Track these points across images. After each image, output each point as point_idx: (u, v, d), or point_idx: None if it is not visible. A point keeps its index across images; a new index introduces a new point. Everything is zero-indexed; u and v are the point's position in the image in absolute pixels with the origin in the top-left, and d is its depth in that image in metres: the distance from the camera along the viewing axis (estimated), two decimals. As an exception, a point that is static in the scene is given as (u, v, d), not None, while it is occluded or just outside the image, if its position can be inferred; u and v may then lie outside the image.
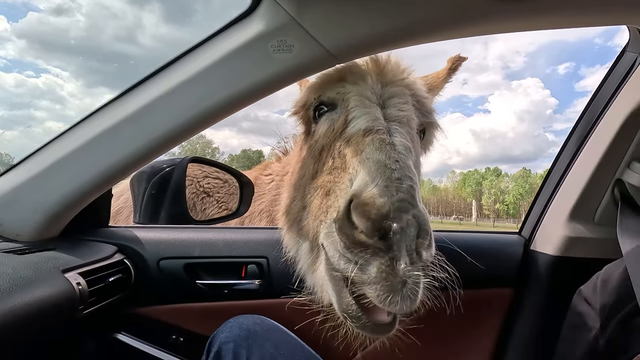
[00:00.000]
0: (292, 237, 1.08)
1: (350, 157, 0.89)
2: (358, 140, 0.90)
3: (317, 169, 1.01)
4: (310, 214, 0.96)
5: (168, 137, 0.97)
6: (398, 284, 0.70)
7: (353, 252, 0.74)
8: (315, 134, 1.07)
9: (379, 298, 0.71)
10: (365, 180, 0.76)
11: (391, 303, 0.70)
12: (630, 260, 0.90)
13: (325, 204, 0.90)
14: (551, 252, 1.21)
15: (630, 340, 0.82)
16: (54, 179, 0.98)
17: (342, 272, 0.76)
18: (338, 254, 0.77)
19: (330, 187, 0.91)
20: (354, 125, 0.95)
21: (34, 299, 0.74)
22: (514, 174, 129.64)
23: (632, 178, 1.09)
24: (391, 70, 1.08)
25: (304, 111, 1.16)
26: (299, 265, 1.05)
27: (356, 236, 0.73)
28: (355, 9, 0.86)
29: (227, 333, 0.95)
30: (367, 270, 0.71)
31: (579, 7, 0.91)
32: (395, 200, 0.71)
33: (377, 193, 0.72)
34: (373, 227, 0.70)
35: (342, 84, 1.04)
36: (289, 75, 0.94)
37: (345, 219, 0.75)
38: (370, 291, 0.72)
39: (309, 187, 1.02)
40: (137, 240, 1.16)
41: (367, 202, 0.71)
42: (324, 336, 1.17)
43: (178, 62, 0.98)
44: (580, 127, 1.23)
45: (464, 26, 0.94)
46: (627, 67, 1.09)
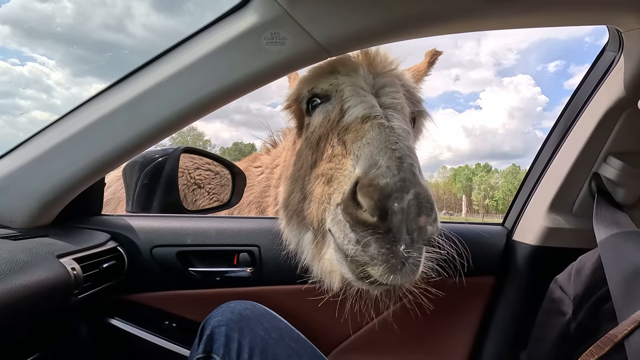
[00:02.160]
0: (292, 229, 1.11)
1: (351, 143, 0.91)
2: (357, 127, 0.93)
3: (315, 158, 1.04)
4: (312, 202, 0.99)
5: (161, 126, 0.98)
6: (397, 265, 0.74)
7: (357, 232, 0.77)
8: (310, 125, 1.10)
9: (381, 276, 0.75)
10: (369, 163, 0.79)
11: (392, 280, 0.75)
12: (603, 248, 0.95)
13: (327, 190, 0.93)
14: (531, 242, 1.27)
15: (600, 325, 0.87)
16: (47, 166, 0.99)
17: (346, 252, 0.80)
18: (343, 234, 0.81)
19: (332, 173, 0.94)
20: (351, 113, 0.98)
21: (30, 282, 0.76)
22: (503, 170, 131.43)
23: (608, 172, 1.15)
24: (381, 62, 1.11)
25: (296, 105, 1.18)
26: (304, 255, 1.08)
27: (359, 215, 0.76)
28: (347, 4, 0.89)
29: (220, 317, 0.98)
30: (369, 250, 0.75)
31: (562, 6, 0.96)
32: (397, 179, 0.74)
33: (380, 173, 0.75)
34: (375, 207, 0.73)
35: (335, 75, 1.07)
36: (281, 67, 0.96)
37: (350, 200, 0.78)
38: (372, 270, 0.76)
39: (308, 177, 1.05)
40: (130, 228, 1.18)
41: (371, 183, 0.74)
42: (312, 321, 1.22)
43: (172, 52, 0.99)
44: (561, 123, 1.28)
45: (452, 22, 0.97)
46: (606, 65, 1.14)
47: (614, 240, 0.96)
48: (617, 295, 0.83)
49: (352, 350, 1.28)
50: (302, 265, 1.10)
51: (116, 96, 0.99)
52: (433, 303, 1.28)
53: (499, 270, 1.34)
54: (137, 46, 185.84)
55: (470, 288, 1.35)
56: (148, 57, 1.02)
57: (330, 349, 1.27)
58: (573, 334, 0.91)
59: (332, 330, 1.26)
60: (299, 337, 1.04)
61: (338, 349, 1.27)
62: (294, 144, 1.29)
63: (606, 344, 0.76)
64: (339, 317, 1.27)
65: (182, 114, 0.98)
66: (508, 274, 1.32)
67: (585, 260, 0.99)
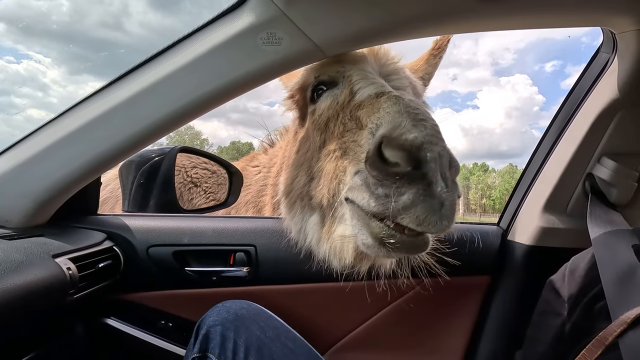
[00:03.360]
0: (295, 215, 1.10)
1: (367, 117, 0.89)
2: (372, 102, 0.91)
3: (324, 138, 1.03)
4: (322, 180, 0.98)
5: (158, 126, 0.98)
6: (436, 205, 0.72)
7: (386, 185, 0.75)
8: (317, 110, 1.10)
9: (418, 219, 0.73)
10: (392, 125, 0.77)
11: (430, 223, 0.73)
12: (597, 247, 0.96)
13: (342, 164, 0.92)
14: (526, 242, 1.28)
15: (595, 324, 0.88)
16: (43, 165, 0.99)
17: (374, 210, 0.77)
18: (368, 193, 0.78)
19: (347, 146, 0.92)
20: (363, 92, 0.97)
21: (25, 282, 0.76)
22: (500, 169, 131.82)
23: (602, 172, 1.16)
24: (384, 54, 1.14)
25: (300, 94, 1.19)
26: (308, 239, 1.07)
27: (389, 169, 0.74)
28: (343, 5, 0.89)
29: (215, 317, 0.98)
30: (403, 197, 0.73)
31: (557, 8, 0.96)
32: (426, 134, 0.73)
33: (407, 130, 0.74)
34: (408, 157, 0.72)
35: (341, 64, 1.08)
36: (278, 67, 0.96)
37: (377, 156, 0.76)
38: (408, 216, 0.73)
39: (316, 157, 1.04)
40: (127, 227, 1.18)
41: (400, 137, 0.73)
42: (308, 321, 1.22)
43: (169, 51, 0.99)
44: (556, 124, 1.29)
45: (447, 23, 0.98)
46: (600, 66, 1.15)
47: (607, 239, 0.97)
48: (611, 293, 0.84)
49: (348, 350, 1.28)
50: (305, 250, 1.09)
51: (112, 95, 0.99)
52: (429, 302, 1.30)
53: (495, 270, 1.35)
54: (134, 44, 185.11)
55: (466, 288, 1.37)
56: (144, 56, 1.02)
57: (325, 348, 1.28)
58: (568, 334, 0.92)
59: (328, 330, 1.27)
60: (294, 336, 1.04)
61: (334, 348, 1.28)
62: (294, 134, 1.29)
63: (597, 347, 0.77)
64: (335, 317, 1.27)
65: (178, 113, 0.98)
66: (503, 273, 1.33)
67: (578, 260, 1.00)
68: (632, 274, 0.84)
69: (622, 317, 0.76)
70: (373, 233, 0.81)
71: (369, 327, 1.28)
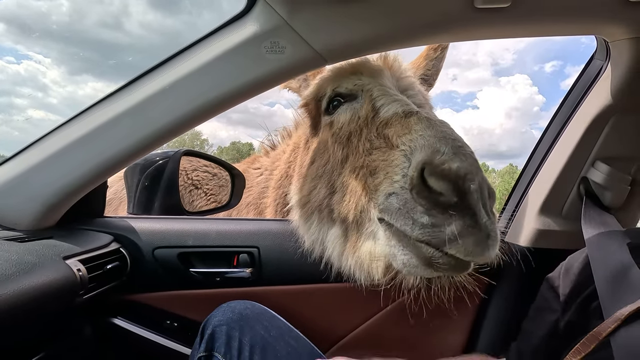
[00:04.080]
0: (312, 225, 1.11)
1: (397, 137, 0.90)
2: (401, 122, 0.93)
3: (347, 153, 1.04)
4: (350, 195, 0.98)
5: (165, 131, 1.01)
6: (483, 236, 0.75)
7: (432, 215, 0.77)
8: (335, 122, 1.11)
9: (466, 251, 0.75)
10: (432, 150, 0.79)
11: (477, 253, 0.76)
12: (590, 247, 0.99)
13: (372, 182, 0.92)
14: (523, 244, 1.31)
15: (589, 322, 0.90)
16: (52, 169, 1.02)
17: (419, 237, 0.79)
18: (412, 221, 0.79)
19: (377, 165, 0.92)
20: (387, 109, 0.99)
21: (38, 284, 0.78)
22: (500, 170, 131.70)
23: (596, 176, 1.19)
24: (399, 68, 1.16)
25: (314, 103, 1.21)
26: (328, 251, 1.08)
27: (436, 198, 0.76)
28: (343, 15, 0.92)
29: (220, 317, 1.01)
30: (451, 228, 0.74)
31: (552, 17, 0.99)
32: (467, 164, 0.75)
33: (450, 159, 0.76)
34: (454, 188, 0.74)
35: (358, 76, 1.10)
36: (281, 74, 0.99)
37: (421, 184, 0.78)
38: (456, 247, 0.75)
39: (338, 171, 1.05)
40: (133, 230, 1.21)
41: (444, 167, 0.75)
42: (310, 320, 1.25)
43: (175, 58, 1.02)
44: (552, 128, 1.31)
45: (444, 32, 1.01)
46: (594, 73, 1.18)
47: (601, 240, 0.99)
48: (604, 292, 0.86)
49: (350, 348, 1.31)
50: (325, 261, 1.11)
51: (120, 101, 1.02)
52: (428, 303, 1.32)
53: (492, 271, 1.38)
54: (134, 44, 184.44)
55: (465, 288, 1.39)
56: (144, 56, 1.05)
57: (327, 347, 1.30)
58: (562, 331, 0.94)
59: (330, 329, 1.30)
60: (297, 335, 1.07)
61: (335, 347, 1.30)
62: (306, 143, 1.30)
63: (591, 342, 0.79)
64: (336, 317, 1.30)
65: (183, 119, 1.01)
66: (500, 275, 1.36)
67: (573, 260, 1.03)
68: (625, 273, 0.86)
69: (616, 314, 0.78)
70: (420, 254, 0.82)
71: (370, 327, 1.31)
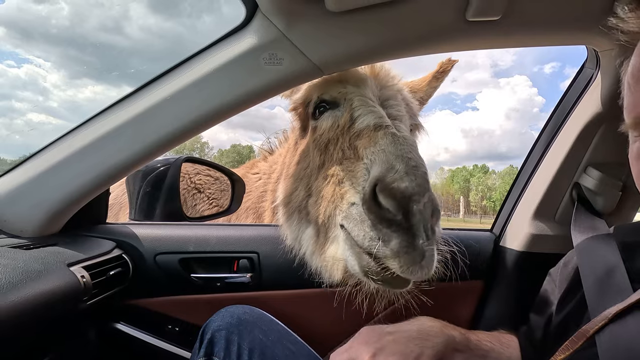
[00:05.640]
0: (292, 224, 1.17)
1: (363, 148, 0.97)
2: (370, 135, 0.99)
3: (324, 159, 1.09)
4: (322, 199, 1.04)
5: (166, 139, 1.04)
6: (417, 256, 0.82)
7: (378, 229, 0.85)
8: (318, 128, 1.16)
9: (402, 268, 0.83)
10: (386, 167, 0.86)
11: (412, 272, 0.83)
12: (579, 252, 1.01)
13: (339, 190, 0.99)
14: (517, 248, 1.33)
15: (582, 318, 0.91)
16: (56, 177, 1.04)
17: (367, 248, 0.87)
18: (363, 232, 0.88)
19: (344, 175, 0.99)
20: (362, 121, 1.04)
21: (44, 290, 0.81)
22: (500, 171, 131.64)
23: (588, 181, 1.21)
24: (385, 76, 1.19)
25: (302, 108, 1.25)
26: (302, 249, 1.14)
27: (383, 214, 0.84)
28: (339, 27, 0.95)
29: (220, 321, 1.03)
30: (391, 244, 0.83)
31: (542, 29, 1.02)
32: (415, 184, 0.81)
33: (399, 177, 0.82)
34: (399, 206, 0.81)
35: (343, 84, 1.14)
36: (279, 85, 1.02)
37: (372, 200, 0.85)
38: (393, 263, 0.84)
39: (315, 176, 1.11)
40: (134, 236, 1.23)
41: (393, 186, 0.82)
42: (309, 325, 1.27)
43: (176, 70, 1.05)
44: (545, 134, 1.34)
45: (438, 43, 1.04)
46: (585, 81, 1.21)
47: (589, 244, 1.01)
48: (591, 294, 0.88)
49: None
50: (300, 258, 1.16)
51: (122, 111, 1.05)
52: (425, 307, 1.34)
53: (487, 275, 1.40)
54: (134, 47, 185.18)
55: (460, 292, 1.42)
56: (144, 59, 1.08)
57: (325, 351, 1.32)
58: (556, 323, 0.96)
59: (327, 333, 1.32)
60: (295, 339, 1.09)
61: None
62: (295, 144, 1.34)
63: (579, 339, 0.81)
64: (334, 321, 1.32)
65: (185, 128, 1.04)
66: (496, 278, 1.38)
67: (571, 256, 1.05)
68: (611, 274, 0.88)
69: (604, 313, 0.80)
70: (360, 265, 0.91)
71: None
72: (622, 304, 0.79)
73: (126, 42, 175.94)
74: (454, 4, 0.92)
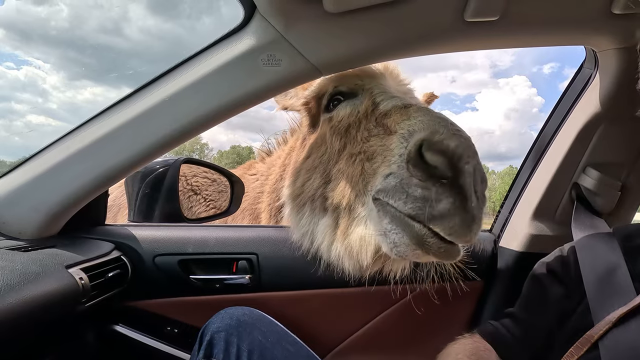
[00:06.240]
0: (302, 218, 1.13)
1: (396, 124, 0.92)
2: (400, 112, 0.95)
3: (345, 142, 1.05)
4: (345, 180, 0.99)
5: (165, 141, 1.04)
6: (469, 219, 0.76)
7: (427, 188, 0.77)
8: (334, 117, 1.13)
9: (451, 229, 0.76)
10: (430, 131, 0.80)
11: (459, 234, 0.76)
12: (579, 249, 1.01)
13: (370, 166, 0.93)
14: (516, 248, 1.34)
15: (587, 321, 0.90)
16: (55, 179, 1.04)
17: (412, 211, 0.78)
18: (406, 195, 0.79)
19: (374, 150, 0.94)
20: (387, 104, 1.01)
21: (42, 293, 0.81)
22: (500, 171, 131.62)
23: (587, 182, 1.22)
24: (397, 75, 1.20)
25: (314, 102, 1.24)
26: (316, 242, 1.09)
27: (432, 171, 0.77)
28: (337, 28, 0.95)
29: (219, 323, 1.03)
30: (441, 204, 0.75)
31: (540, 29, 1.02)
32: (466, 145, 0.76)
33: (449, 137, 0.76)
34: (449, 163, 0.75)
35: (359, 77, 1.14)
36: (277, 86, 1.02)
37: (418, 158, 0.79)
38: (441, 224, 0.76)
39: (335, 160, 1.06)
40: (133, 237, 1.23)
41: (443, 142, 0.76)
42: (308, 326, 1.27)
43: (174, 71, 1.05)
44: (543, 135, 1.34)
45: (436, 44, 1.04)
46: (584, 81, 1.21)
47: (589, 242, 1.01)
48: (592, 294, 0.88)
49: (346, 353, 1.33)
50: (311, 253, 1.12)
51: (121, 113, 1.05)
52: (424, 307, 1.35)
53: (487, 276, 1.40)
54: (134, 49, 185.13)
55: (459, 293, 1.41)
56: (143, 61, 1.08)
57: (325, 352, 1.32)
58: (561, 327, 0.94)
59: (327, 334, 1.32)
60: (295, 340, 1.09)
61: (332, 352, 1.32)
62: (302, 141, 1.32)
63: (584, 345, 0.81)
64: (333, 322, 1.32)
65: (184, 129, 1.03)
66: (495, 279, 1.38)
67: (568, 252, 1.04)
68: (612, 275, 0.88)
69: (608, 317, 0.80)
70: (412, 232, 0.81)
71: (366, 332, 1.33)
72: (625, 307, 0.79)
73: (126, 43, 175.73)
74: (452, 4, 0.92)
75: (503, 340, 1.02)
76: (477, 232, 0.79)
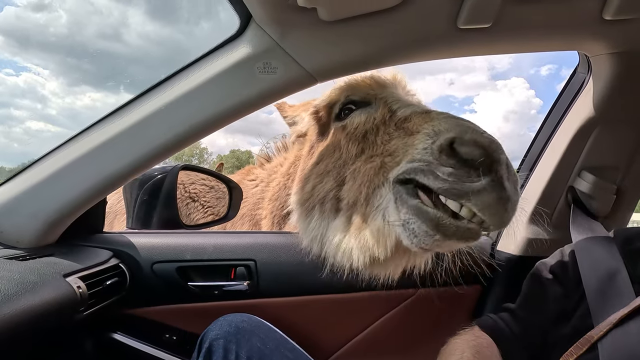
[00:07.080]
0: (311, 222, 1.12)
1: (419, 124, 0.92)
2: (422, 116, 0.96)
3: (362, 147, 1.05)
4: (359, 179, 0.99)
5: (162, 149, 1.04)
6: (505, 197, 0.77)
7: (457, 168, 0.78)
8: (348, 125, 1.13)
9: (487, 204, 0.76)
10: (459, 130, 0.82)
11: (494, 212, 0.77)
12: (578, 251, 1.01)
13: (392, 160, 0.93)
14: (514, 252, 1.34)
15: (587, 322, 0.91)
16: (53, 188, 1.04)
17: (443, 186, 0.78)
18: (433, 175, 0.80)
19: (396, 148, 0.94)
20: (405, 110, 1.03)
21: (40, 302, 0.81)
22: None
23: (582, 185, 1.22)
24: (405, 85, 1.23)
25: (325, 111, 1.24)
26: (327, 245, 1.08)
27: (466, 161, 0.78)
28: (332, 36, 0.96)
29: (217, 330, 1.03)
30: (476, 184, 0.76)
31: (534, 35, 1.04)
32: (496, 142, 0.79)
33: (479, 135, 0.79)
34: (485, 154, 0.77)
35: (371, 87, 1.15)
36: (273, 94, 1.03)
37: (449, 149, 0.80)
38: (475, 200, 0.76)
39: (352, 162, 1.06)
40: (131, 245, 1.23)
41: (475, 140, 0.78)
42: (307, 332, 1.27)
43: (171, 80, 1.06)
44: (539, 138, 1.35)
45: (431, 50, 1.05)
46: (577, 86, 1.22)
47: (587, 245, 1.02)
48: (592, 297, 0.89)
49: (345, 359, 1.33)
50: (320, 258, 1.11)
51: (118, 122, 1.05)
52: (423, 312, 1.35)
53: (485, 280, 1.40)
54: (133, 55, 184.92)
55: (458, 297, 1.41)
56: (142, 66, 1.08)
57: (324, 358, 1.32)
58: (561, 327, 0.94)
59: (325, 341, 1.31)
60: (293, 346, 1.09)
61: (331, 358, 1.32)
62: (310, 149, 1.32)
63: (584, 345, 0.82)
64: (332, 328, 1.32)
65: (181, 137, 1.04)
66: (493, 283, 1.38)
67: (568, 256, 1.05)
68: (612, 278, 0.89)
69: (609, 319, 0.81)
70: (428, 217, 0.82)
71: (365, 338, 1.33)
72: (625, 309, 0.80)
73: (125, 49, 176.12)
74: (445, 12, 0.93)
75: (503, 334, 1.02)
76: (512, 216, 0.80)
